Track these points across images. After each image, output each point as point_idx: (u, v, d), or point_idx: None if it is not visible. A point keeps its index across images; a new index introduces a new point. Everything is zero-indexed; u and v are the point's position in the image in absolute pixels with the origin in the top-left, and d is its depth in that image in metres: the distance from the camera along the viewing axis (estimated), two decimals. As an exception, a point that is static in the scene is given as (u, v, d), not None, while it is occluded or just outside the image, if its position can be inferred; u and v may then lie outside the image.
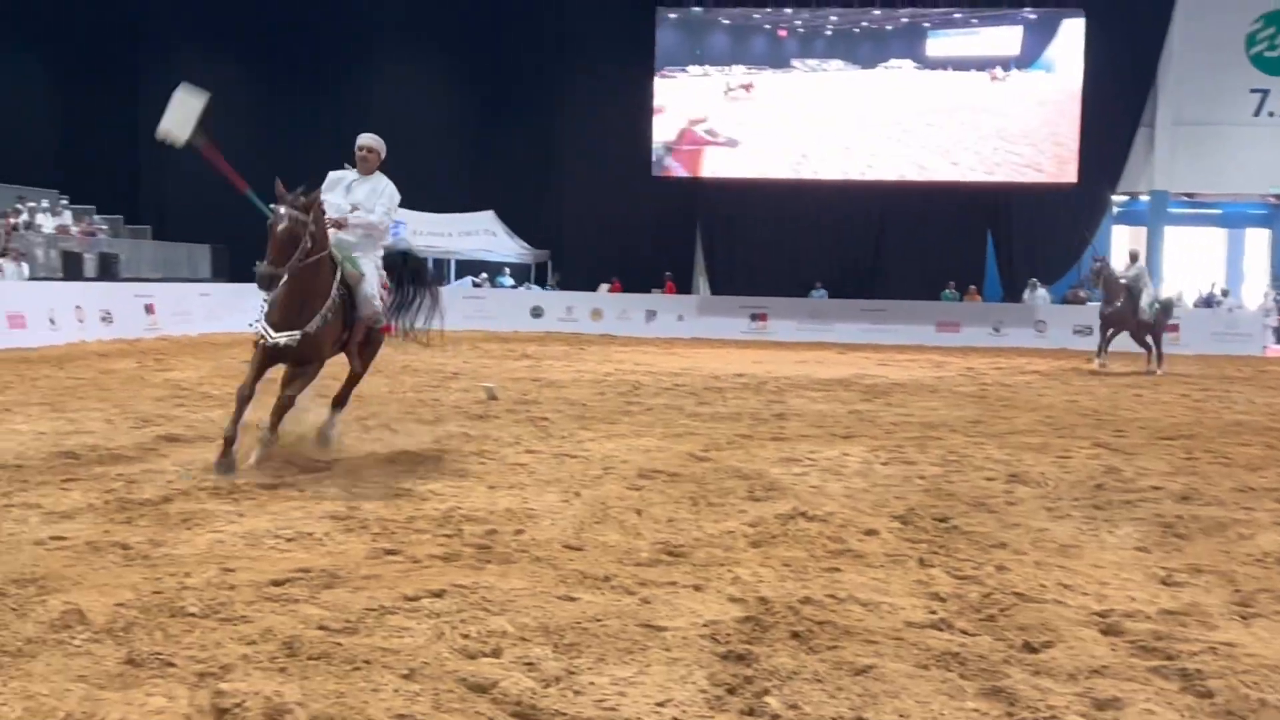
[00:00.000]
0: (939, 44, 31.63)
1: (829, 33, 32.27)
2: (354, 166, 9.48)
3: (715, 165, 32.56)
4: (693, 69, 32.61)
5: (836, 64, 32.14)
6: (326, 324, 8.63)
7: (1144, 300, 21.02)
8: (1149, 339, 21.61)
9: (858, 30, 32.10)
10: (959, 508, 7.79)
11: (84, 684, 4.12)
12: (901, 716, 4.04)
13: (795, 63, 32.37)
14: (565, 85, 34.85)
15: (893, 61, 31.86)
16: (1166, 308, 22.22)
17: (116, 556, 5.93)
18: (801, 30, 32.40)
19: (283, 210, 8.16)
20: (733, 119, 32.43)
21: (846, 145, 31.87)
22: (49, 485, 7.77)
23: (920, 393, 16.33)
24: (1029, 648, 4.82)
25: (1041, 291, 31.68)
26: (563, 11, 34.46)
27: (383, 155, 9.54)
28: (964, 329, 30.09)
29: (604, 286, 33.44)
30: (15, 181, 31.11)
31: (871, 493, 8.33)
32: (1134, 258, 21.94)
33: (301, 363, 8.66)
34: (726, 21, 32.60)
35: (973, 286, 32.42)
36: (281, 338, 8.42)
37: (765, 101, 32.31)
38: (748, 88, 32.31)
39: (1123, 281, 21.01)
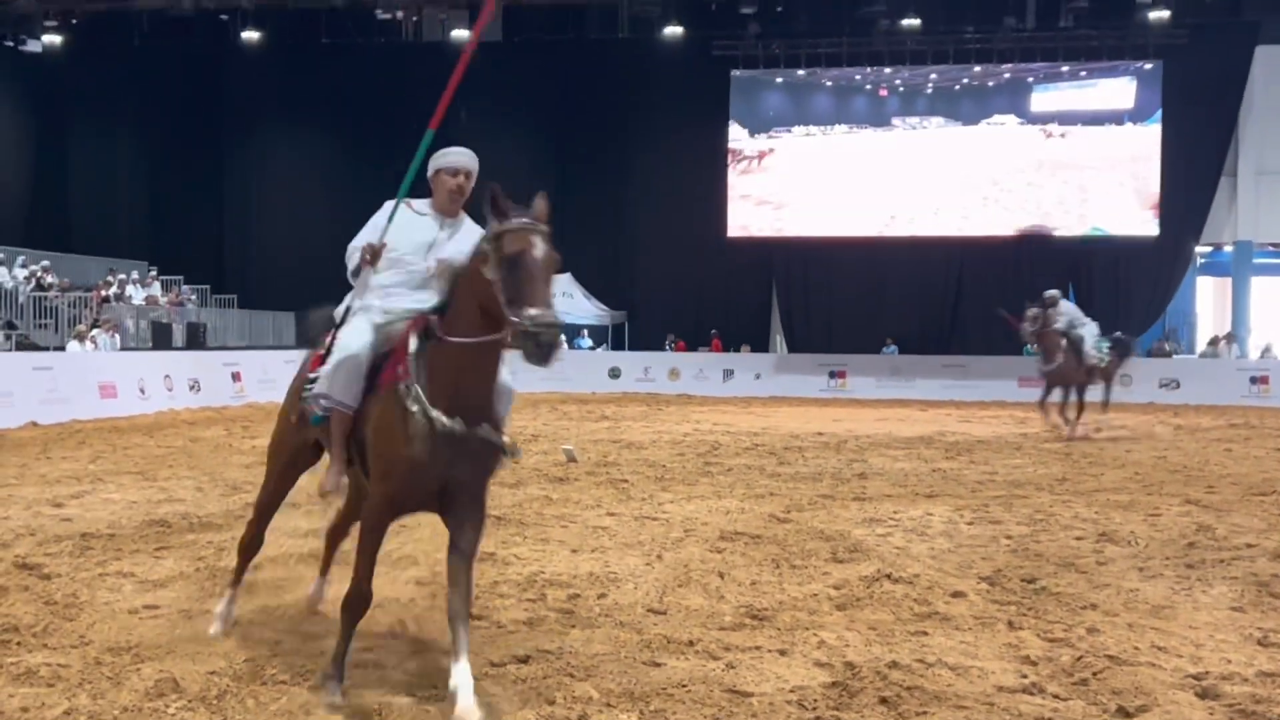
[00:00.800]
0: (1033, 99, 31.62)
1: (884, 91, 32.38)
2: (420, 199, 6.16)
3: (793, 225, 32.65)
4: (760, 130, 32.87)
5: (912, 121, 32.20)
6: None
7: (1088, 344, 18.50)
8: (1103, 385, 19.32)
9: (927, 88, 32.13)
10: (1047, 568, 7.67)
11: (180, 752, 4.20)
12: (994, 784, 3.97)
13: (861, 124, 32.47)
14: (638, 144, 35.19)
15: (958, 120, 31.85)
16: (1121, 346, 19.85)
17: (208, 625, 6.02)
18: (868, 87, 32.51)
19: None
20: (809, 181, 32.56)
21: (924, 200, 31.84)
22: (142, 554, 7.94)
23: (1004, 450, 16.12)
24: (1123, 712, 4.74)
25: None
26: (638, 72, 34.83)
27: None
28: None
29: (669, 345, 33.68)
30: (106, 254, 32.05)
31: (957, 553, 8.23)
32: (1051, 302, 18.78)
33: None
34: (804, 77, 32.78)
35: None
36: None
37: (838, 162, 32.41)
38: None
39: (1057, 328, 18.40)
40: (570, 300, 35.06)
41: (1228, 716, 4.71)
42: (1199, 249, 32.99)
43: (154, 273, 31.69)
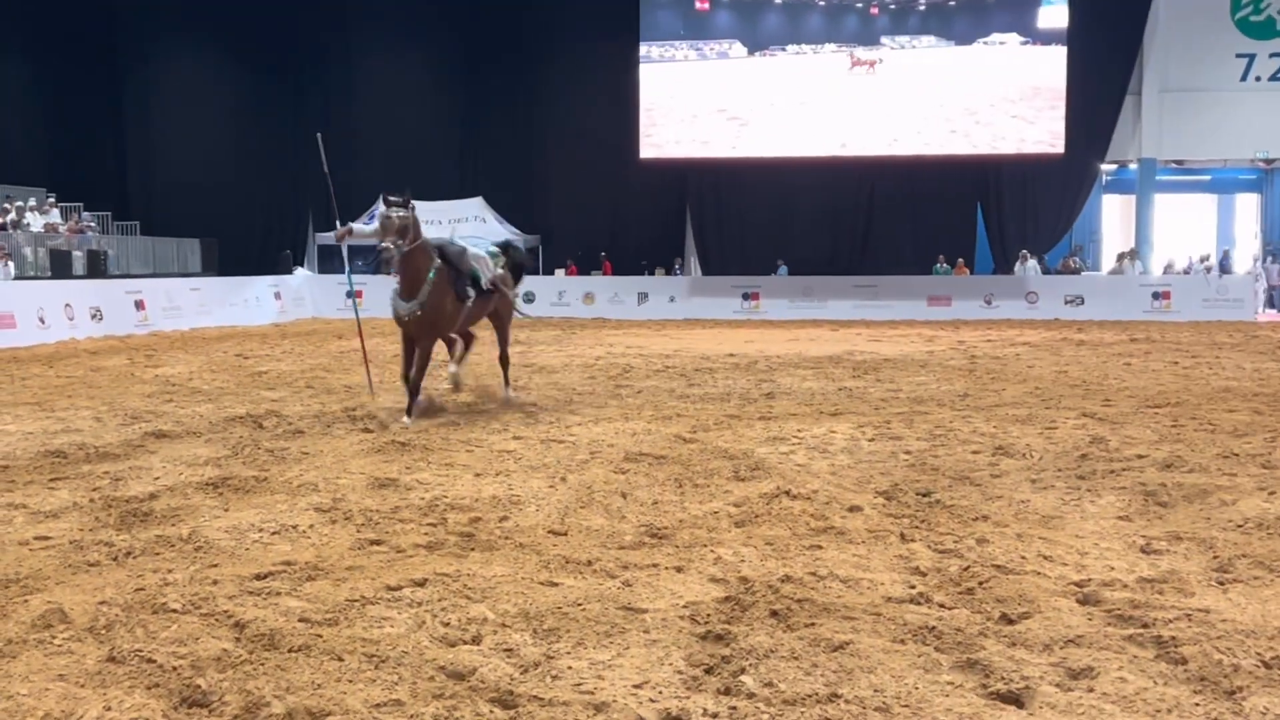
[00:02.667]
0: (929, 19, 31.58)
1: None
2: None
3: (700, 148, 32.49)
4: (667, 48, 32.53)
5: (799, 48, 32.10)
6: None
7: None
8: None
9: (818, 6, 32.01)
10: (943, 482, 7.82)
11: (63, 682, 4.15)
12: (876, 691, 4.06)
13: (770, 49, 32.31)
14: (547, 67, 34.76)
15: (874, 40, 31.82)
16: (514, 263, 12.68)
17: (100, 554, 5.95)
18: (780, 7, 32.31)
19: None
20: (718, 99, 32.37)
21: (836, 122, 31.81)
22: (35, 485, 7.79)
23: (910, 368, 16.35)
24: (1006, 619, 4.86)
25: (1032, 263, 31.68)
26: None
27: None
28: (955, 303, 30.12)
29: (559, 271, 33.62)
30: (2, 181, 31.05)
31: (856, 469, 8.35)
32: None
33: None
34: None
35: (961, 260, 32.40)
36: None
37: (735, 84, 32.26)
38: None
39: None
40: (483, 225, 34.74)
41: (1106, 621, 4.84)
42: (1104, 167, 33.51)
43: (52, 199, 30.82)
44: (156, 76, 36.32)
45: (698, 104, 32.28)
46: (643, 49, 32.19)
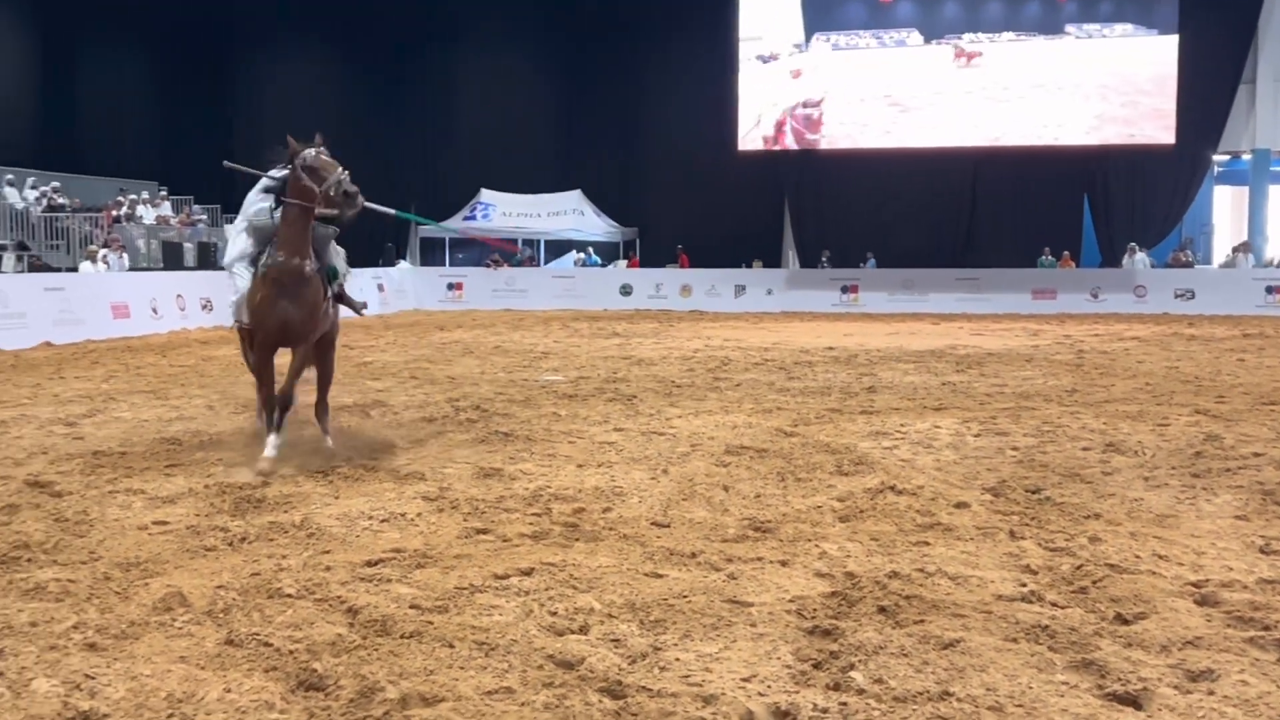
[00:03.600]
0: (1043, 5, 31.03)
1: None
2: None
3: (801, 140, 32.30)
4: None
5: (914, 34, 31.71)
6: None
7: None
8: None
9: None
10: (1052, 479, 7.68)
11: (184, 665, 4.26)
12: (989, 690, 4.01)
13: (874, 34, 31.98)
14: (647, 59, 34.79)
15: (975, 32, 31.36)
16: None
17: (216, 540, 6.09)
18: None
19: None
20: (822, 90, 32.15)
21: (941, 112, 31.41)
22: (152, 471, 7.99)
23: (1015, 362, 16.09)
24: (1121, 619, 4.75)
25: (1141, 256, 30.93)
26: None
27: None
28: (1061, 296, 29.54)
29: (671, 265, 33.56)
30: (116, 174, 31.94)
31: (962, 465, 8.24)
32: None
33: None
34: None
35: (1067, 253, 31.76)
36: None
37: (848, 75, 31.98)
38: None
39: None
40: (581, 217, 34.95)
41: (1225, 623, 4.72)
42: (1216, 158, 32.62)
43: (164, 192, 31.63)
44: (265, 71, 37.09)
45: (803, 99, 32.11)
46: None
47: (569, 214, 34.95)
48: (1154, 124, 30.18)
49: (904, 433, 9.67)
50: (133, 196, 29.63)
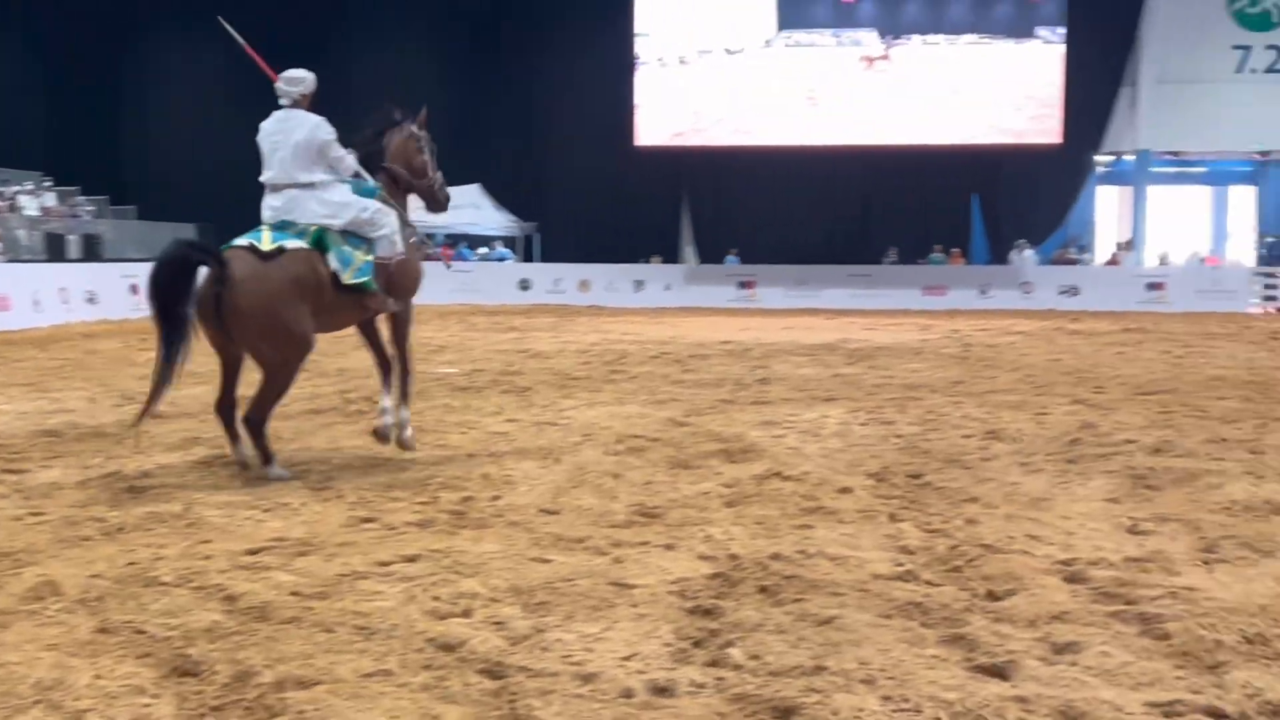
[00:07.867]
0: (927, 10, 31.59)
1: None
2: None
3: (699, 137, 32.50)
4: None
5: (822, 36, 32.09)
6: None
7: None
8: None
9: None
10: (933, 465, 7.86)
11: (54, 652, 4.17)
12: (862, 664, 4.09)
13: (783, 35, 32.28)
14: (544, 53, 34.67)
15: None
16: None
17: (93, 530, 5.97)
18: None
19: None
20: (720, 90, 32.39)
21: (835, 112, 31.80)
22: (28, 462, 7.81)
23: (904, 355, 16.38)
24: (992, 596, 4.89)
25: (1029, 253, 31.66)
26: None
27: None
28: (951, 292, 30.11)
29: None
30: (-4, 165, 30.99)
31: (848, 452, 8.39)
32: None
33: None
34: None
35: (956, 250, 32.40)
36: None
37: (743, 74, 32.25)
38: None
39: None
40: (479, 211, 34.70)
41: (1091, 598, 4.87)
42: (1101, 158, 33.50)
43: (48, 183, 30.76)
44: (153, 59, 36.20)
45: (701, 97, 32.30)
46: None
47: (466, 208, 34.68)
48: (1042, 126, 30.87)
49: (793, 422, 9.80)
50: (15, 187, 28.76)
